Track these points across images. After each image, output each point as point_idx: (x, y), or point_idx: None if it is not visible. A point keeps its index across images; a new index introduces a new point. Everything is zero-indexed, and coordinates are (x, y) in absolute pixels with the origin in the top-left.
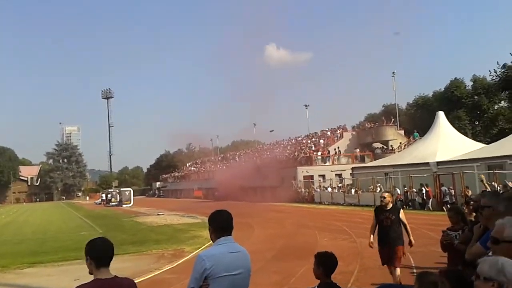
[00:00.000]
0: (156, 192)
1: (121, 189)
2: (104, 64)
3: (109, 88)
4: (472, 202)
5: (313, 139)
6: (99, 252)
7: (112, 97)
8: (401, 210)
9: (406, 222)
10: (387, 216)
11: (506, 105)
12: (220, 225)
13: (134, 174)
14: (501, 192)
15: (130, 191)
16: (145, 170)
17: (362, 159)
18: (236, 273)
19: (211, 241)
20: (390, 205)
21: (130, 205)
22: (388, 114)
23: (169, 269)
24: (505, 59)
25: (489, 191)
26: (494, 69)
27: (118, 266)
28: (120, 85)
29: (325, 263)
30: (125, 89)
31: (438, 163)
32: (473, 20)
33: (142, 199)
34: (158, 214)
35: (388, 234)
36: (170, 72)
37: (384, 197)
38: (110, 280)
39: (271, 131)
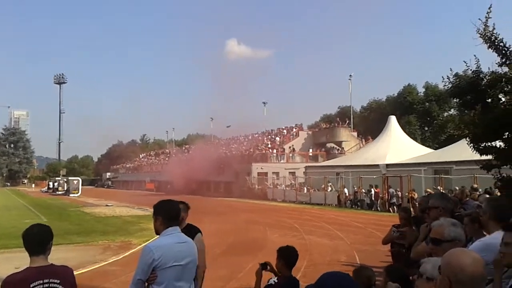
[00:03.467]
0: (106, 182)
1: (69, 178)
2: (59, 49)
3: (62, 74)
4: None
5: (270, 136)
6: (32, 240)
7: (65, 82)
8: None
9: None
10: None
11: (455, 113)
12: (169, 215)
13: (84, 163)
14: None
15: (78, 180)
16: (95, 159)
17: (316, 159)
18: (184, 263)
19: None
20: None
21: (78, 194)
22: (343, 115)
23: (115, 261)
24: (460, 67)
25: (436, 193)
26: (447, 76)
27: (62, 256)
28: (74, 71)
29: (287, 257)
30: (80, 76)
31: (388, 165)
32: (430, 27)
33: (91, 189)
34: (107, 205)
35: None
36: (128, 61)
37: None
38: (45, 267)
39: (228, 127)
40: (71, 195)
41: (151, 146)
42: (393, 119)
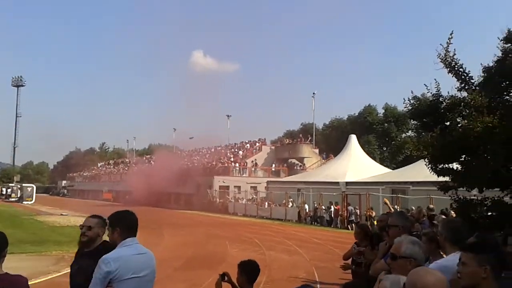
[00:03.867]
0: (62, 191)
1: (23, 184)
2: (16, 50)
3: (20, 76)
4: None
5: (232, 150)
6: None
7: (23, 85)
8: None
9: None
10: None
11: (413, 134)
12: (127, 225)
13: (39, 170)
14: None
15: (32, 187)
16: (51, 166)
17: (278, 174)
18: (142, 275)
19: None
20: None
21: (32, 202)
22: (306, 132)
23: (68, 272)
24: (420, 90)
25: (395, 212)
26: (408, 98)
27: (14, 265)
28: (32, 73)
29: (249, 271)
30: (39, 79)
31: (347, 183)
32: (393, 49)
33: (46, 197)
34: (62, 214)
35: None
36: (88, 66)
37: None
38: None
39: (190, 138)
40: (24, 202)
41: (110, 155)
42: (353, 138)
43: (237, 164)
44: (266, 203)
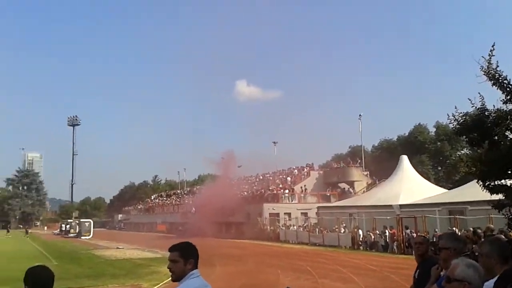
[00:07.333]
0: (118, 224)
1: (81, 220)
2: (72, 91)
3: (76, 116)
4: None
5: (280, 176)
6: (36, 281)
7: (79, 124)
8: None
9: None
10: None
11: (467, 152)
12: (198, 257)
13: (96, 205)
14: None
15: (90, 222)
16: (108, 201)
17: (328, 199)
18: None
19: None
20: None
21: (89, 237)
22: (354, 155)
23: None
24: (467, 106)
25: (446, 233)
26: (453, 114)
27: None
28: (87, 113)
29: None
30: (93, 118)
31: (401, 206)
32: (437, 66)
33: (103, 231)
34: (118, 248)
35: None
36: (140, 104)
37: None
38: None
39: (239, 167)
40: (82, 237)
41: (163, 187)
42: (405, 158)
43: (286, 191)
44: (317, 229)
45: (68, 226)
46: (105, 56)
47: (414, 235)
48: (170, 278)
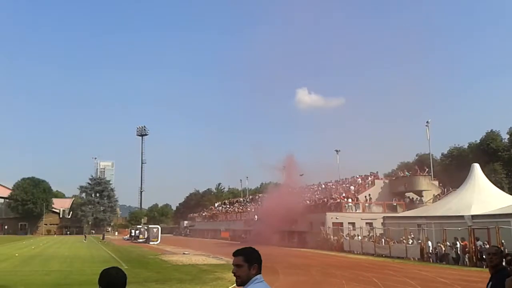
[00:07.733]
0: (184, 231)
1: (150, 226)
2: (141, 101)
3: (144, 126)
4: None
5: (344, 185)
6: (110, 282)
7: (147, 134)
8: None
9: None
10: None
11: None
12: (261, 262)
13: (163, 212)
14: None
15: (158, 228)
16: (174, 208)
17: (394, 209)
18: None
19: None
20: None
21: (157, 242)
22: (422, 163)
23: None
24: None
25: None
26: None
27: None
28: (155, 122)
29: None
30: (160, 127)
31: (473, 216)
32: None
33: (170, 237)
34: (184, 253)
35: None
36: (203, 112)
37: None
38: None
39: (301, 175)
40: (151, 242)
41: (226, 195)
42: (477, 167)
43: (349, 200)
44: (383, 240)
45: (137, 231)
46: (171, 67)
47: (487, 246)
48: (235, 283)
